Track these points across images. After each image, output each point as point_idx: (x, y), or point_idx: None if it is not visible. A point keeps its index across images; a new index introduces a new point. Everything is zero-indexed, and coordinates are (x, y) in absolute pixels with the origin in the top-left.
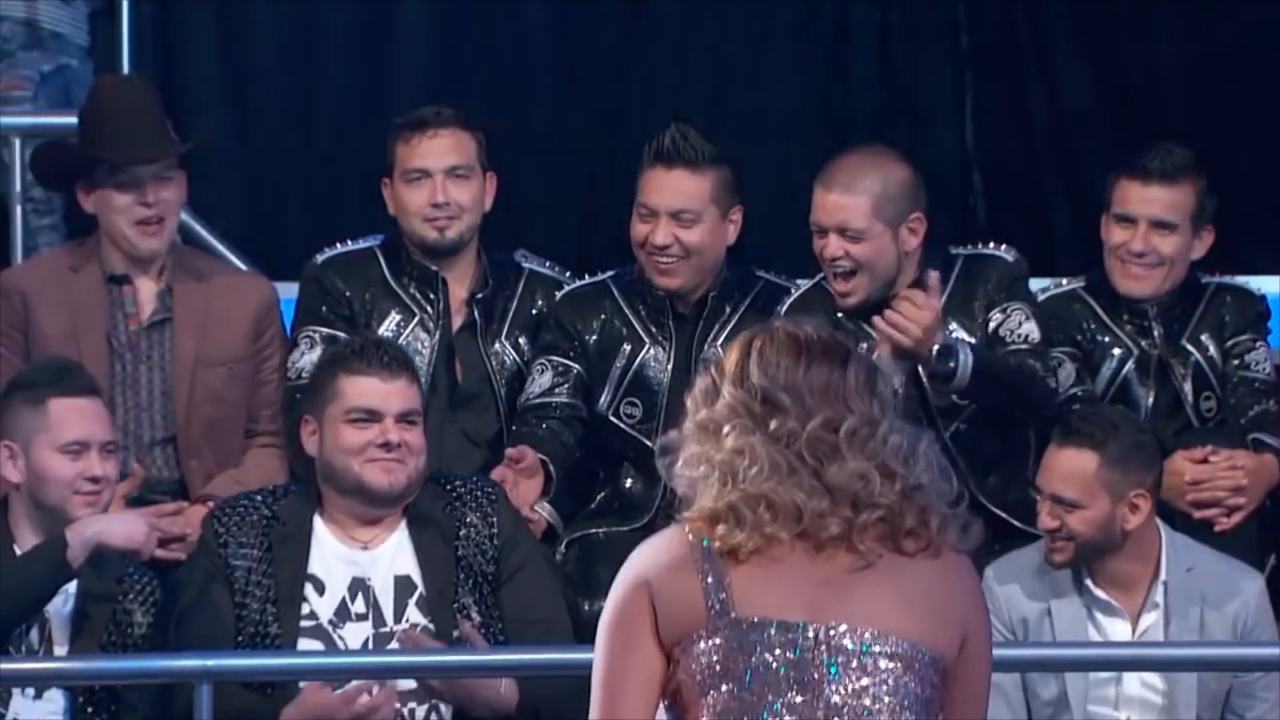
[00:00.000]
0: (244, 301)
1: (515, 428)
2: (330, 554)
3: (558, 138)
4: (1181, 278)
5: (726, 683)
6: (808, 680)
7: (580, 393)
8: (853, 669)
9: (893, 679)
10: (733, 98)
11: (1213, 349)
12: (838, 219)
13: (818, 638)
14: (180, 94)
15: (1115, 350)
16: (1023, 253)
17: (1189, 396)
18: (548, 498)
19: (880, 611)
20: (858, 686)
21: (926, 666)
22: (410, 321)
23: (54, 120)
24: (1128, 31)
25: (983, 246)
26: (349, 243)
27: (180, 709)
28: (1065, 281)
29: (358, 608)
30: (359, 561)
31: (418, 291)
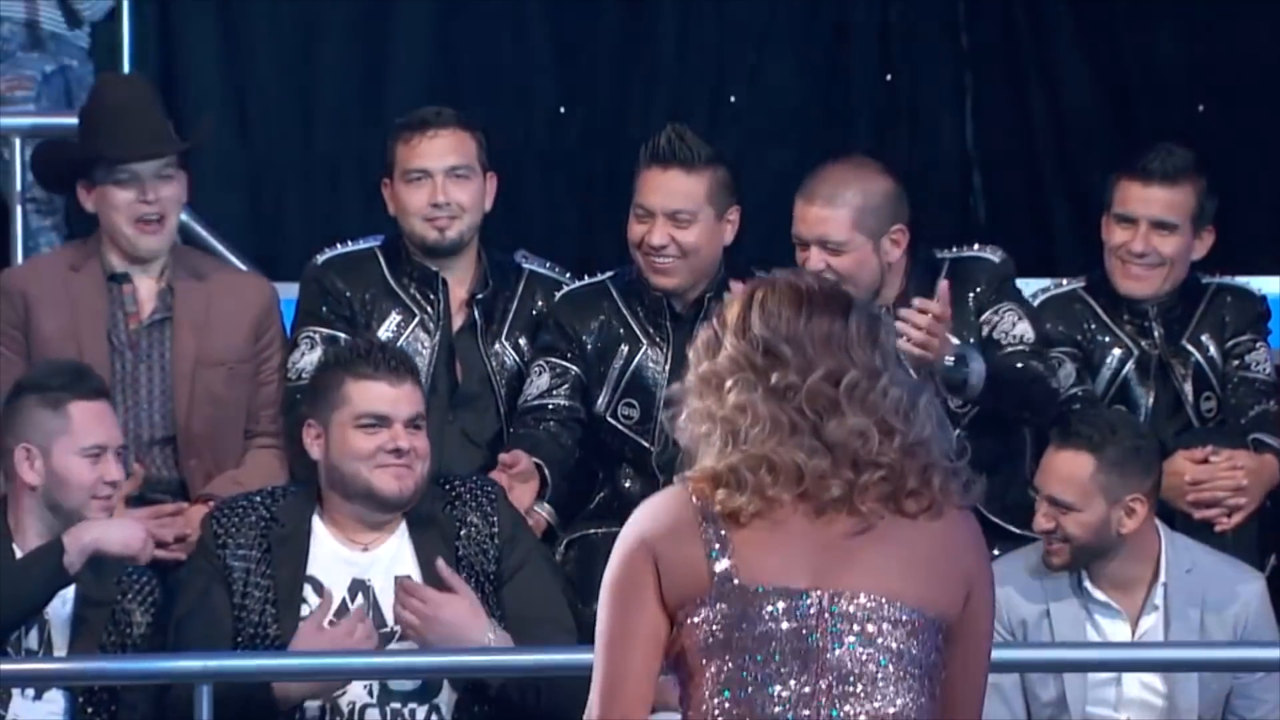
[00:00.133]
0: (244, 302)
1: (513, 429)
2: (330, 555)
3: (558, 138)
4: (1182, 278)
5: (729, 651)
6: (811, 649)
7: (578, 394)
8: (855, 637)
9: (896, 645)
10: (732, 98)
11: (1213, 349)
12: (818, 232)
13: (821, 606)
14: (180, 94)
15: (1115, 350)
16: (1023, 253)
17: (1189, 397)
18: (543, 501)
19: (883, 577)
20: (861, 654)
21: (930, 631)
22: (410, 322)
23: (55, 121)
24: (1128, 31)
25: (968, 249)
26: (349, 243)
27: (175, 709)
28: (1065, 281)
29: (357, 605)
30: (359, 562)
31: (418, 292)
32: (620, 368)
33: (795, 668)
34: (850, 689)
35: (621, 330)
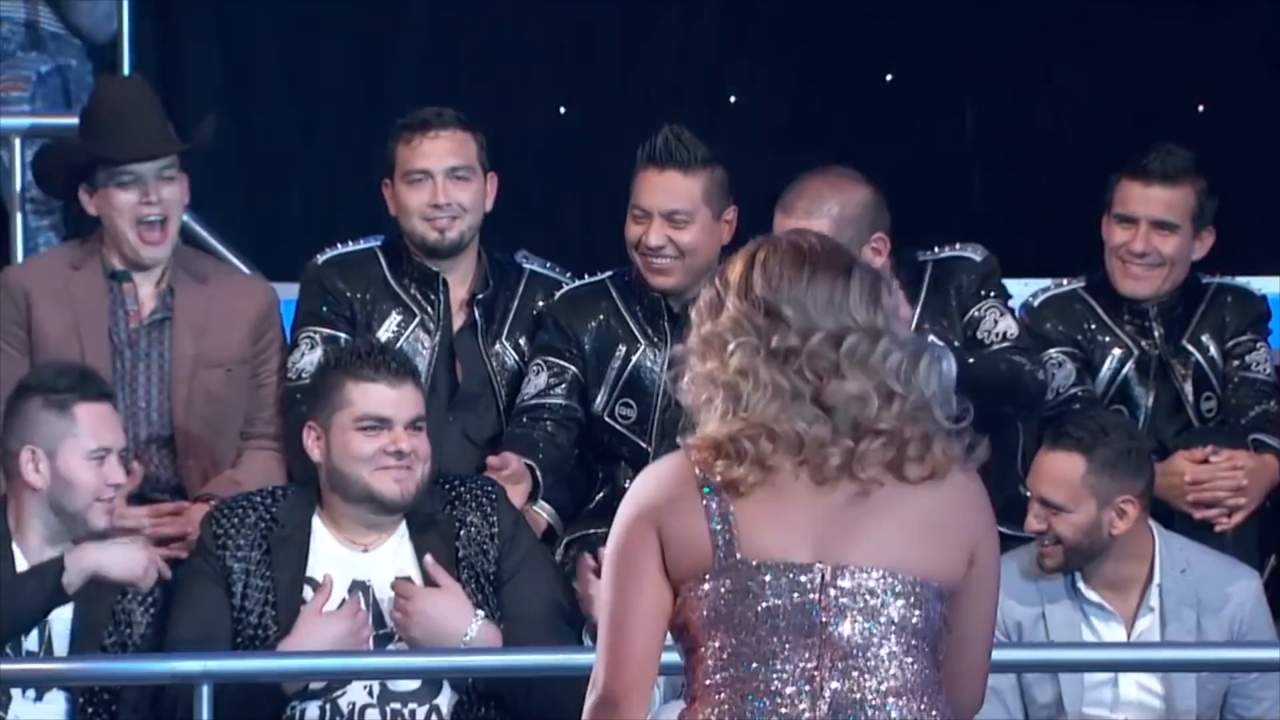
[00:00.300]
0: (245, 304)
1: (509, 428)
2: (330, 556)
3: (558, 138)
4: (1182, 278)
5: (731, 626)
6: (814, 623)
7: (576, 394)
8: (859, 610)
9: (898, 617)
10: (732, 98)
11: (1213, 349)
12: None
13: (824, 580)
14: (180, 94)
15: (1115, 350)
16: (1023, 253)
17: (1189, 397)
18: (534, 504)
19: (885, 549)
20: (863, 629)
21: (932, 598)
22: (411, 322)
23: (53, 120)
24: (1127, 32)
25: (949, 249)
26: (349, 243)
27: (170, 709)
28: (1065, 281)
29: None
30: (359, 563)
31: (418, 292)
32: (618, 368)
33: (797, 643)
34: (852, 663)
35: (620, 330)
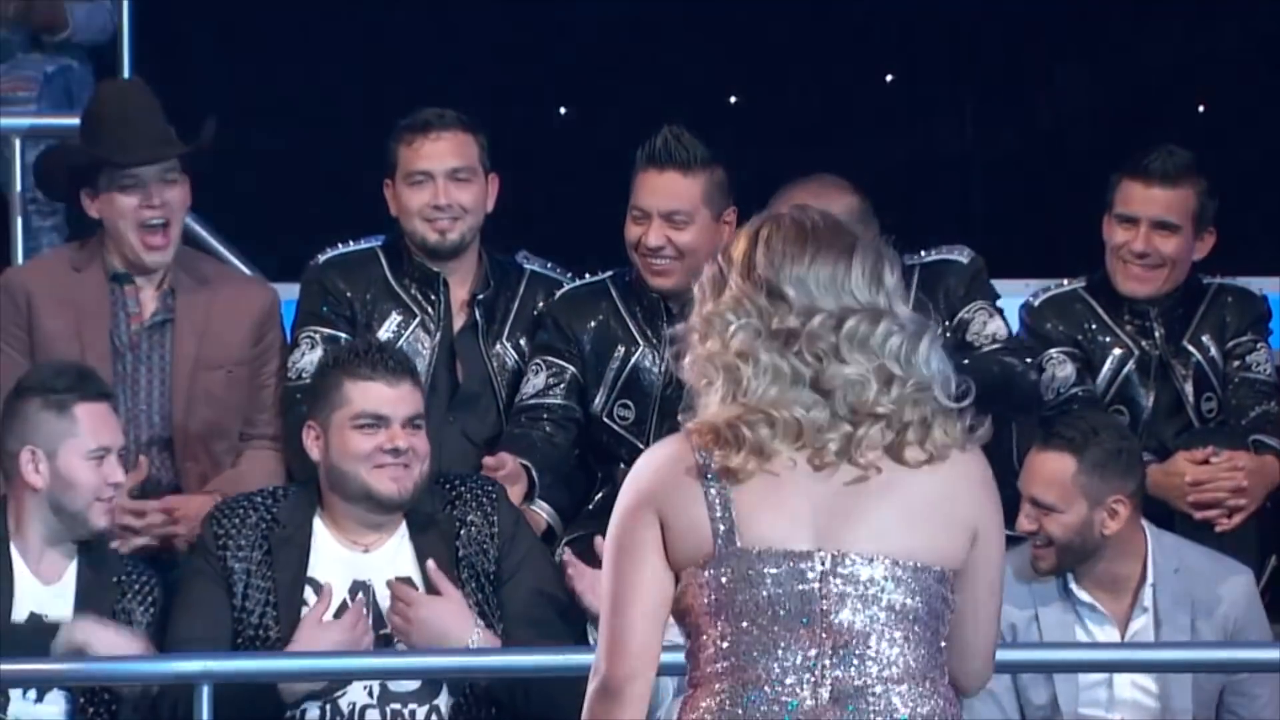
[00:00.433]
0: (246, 306)
1: (508, 428)
2: (330, 556)
3: (558, 138)
4: (1183, 278)
5: (732, 614)
6: (814, 611)
7: (575, 394)
8: (859, 598)
9: (898, 604)
10: (732, 98)
11: (1214, 350)
12: None
13: (824, 568)
14: (181, 95)
15: (1116, 350)
16: (1023, 253)
17: (1190, 397)
18: (531, 504)
19: (885, 535)
20: (863, 616)
21: (934, 583)
22: (411, 322)
23: (55, 121)
24: (1128, 32)
25: (935, 251)
26: (350, 243)
27: (171, 709)
28: (1066, 282)
29: (358, 601)
30: (359, 563)
31: (419, 292)
32: (617, 369)
33: (798, 631)
34: (853, 651)
35: (619, 331)
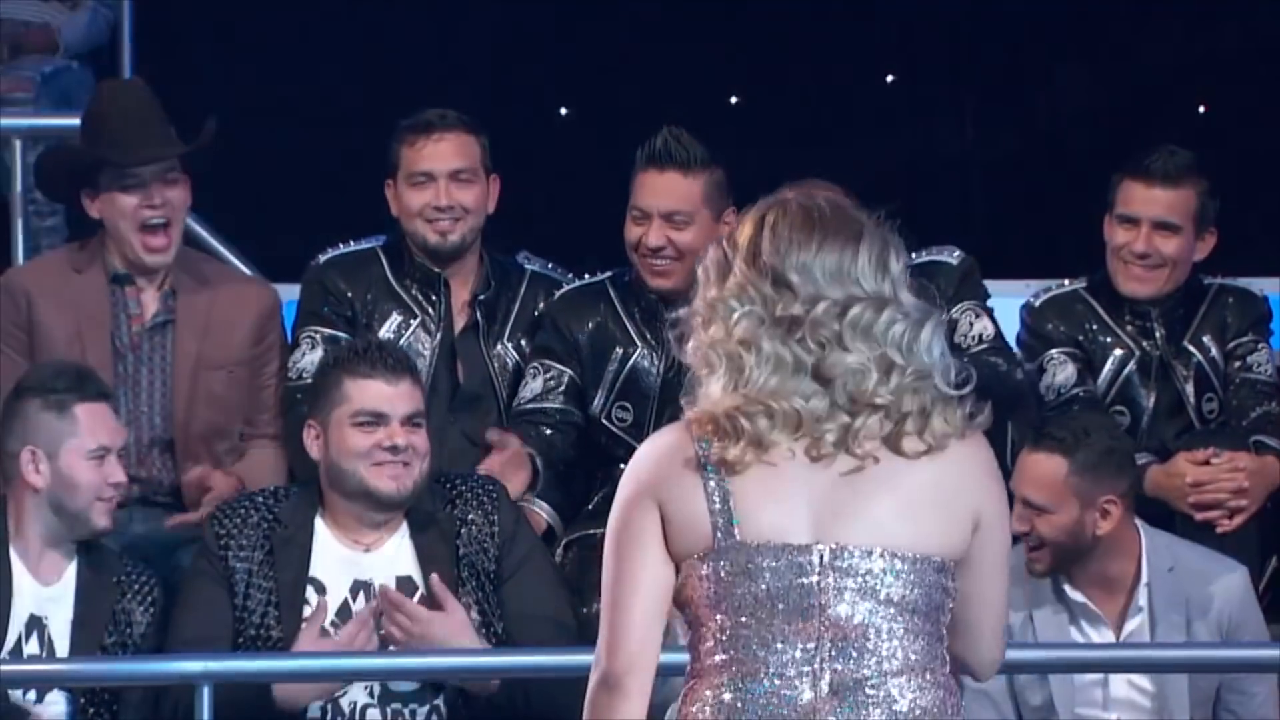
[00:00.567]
0: (246, 307)
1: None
2: (331, 556)
3: (558, 138)
4: (1184, 279)
5: (731, 606)
6: (813, 604)
7: (573, 397)
8: (858, 591)
9: (897, 596)
10: (732, 98)
11: (1215, 350)
12: None
13: (823, 561)
14: (181, 96)
15: (1117, 351)
16: (1023, 253)
17: (1191, 398)
18: (534, 493)
19: (883, 527)
20: (863, 608)
21: (934, 574)
22: (412, 323)
23: (54, 122)
24: (1128, 32)
25: (925, 253)
26: (351, 243)
27: (169, 709)
28: (1066, 282)
29: (359, 609)
30: (360, 563)
31: (419, 293)
32: (615, 370)
33: (797, 624)
34: (852, 644)
35: (617, 332)
